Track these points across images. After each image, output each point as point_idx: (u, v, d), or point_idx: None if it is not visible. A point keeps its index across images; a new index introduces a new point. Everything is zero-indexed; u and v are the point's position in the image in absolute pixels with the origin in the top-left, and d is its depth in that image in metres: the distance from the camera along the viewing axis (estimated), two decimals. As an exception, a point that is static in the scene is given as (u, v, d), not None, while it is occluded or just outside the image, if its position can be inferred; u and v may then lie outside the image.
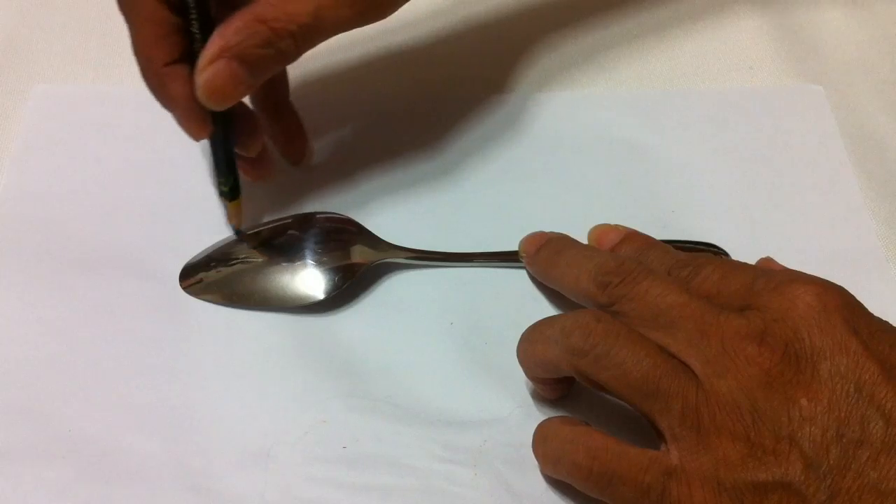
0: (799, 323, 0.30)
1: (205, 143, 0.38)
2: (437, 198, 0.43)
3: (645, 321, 0.32)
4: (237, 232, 0.40)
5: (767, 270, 0.33)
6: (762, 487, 0.28)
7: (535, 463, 0.34)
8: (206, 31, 0.35)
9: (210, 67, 0.34)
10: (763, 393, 0.29)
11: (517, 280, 0.40)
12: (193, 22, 0.35)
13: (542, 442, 0.34)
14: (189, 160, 0.44)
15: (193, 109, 0.36)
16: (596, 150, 0.45)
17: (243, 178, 0.40)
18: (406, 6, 0.37)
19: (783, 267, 0.36)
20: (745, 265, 0.34)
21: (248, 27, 0.34)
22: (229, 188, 0.39)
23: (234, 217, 0.40)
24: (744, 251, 0.40)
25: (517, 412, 0.36)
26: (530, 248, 0.39)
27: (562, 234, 0.40)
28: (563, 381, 0.35)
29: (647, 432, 0.32)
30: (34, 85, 0.47)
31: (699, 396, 0.30)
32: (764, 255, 0.38)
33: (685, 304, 0.31)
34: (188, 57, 0.35)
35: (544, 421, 0.34)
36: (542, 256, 0.39)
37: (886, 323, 0.31)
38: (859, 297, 0.31)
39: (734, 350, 0.30)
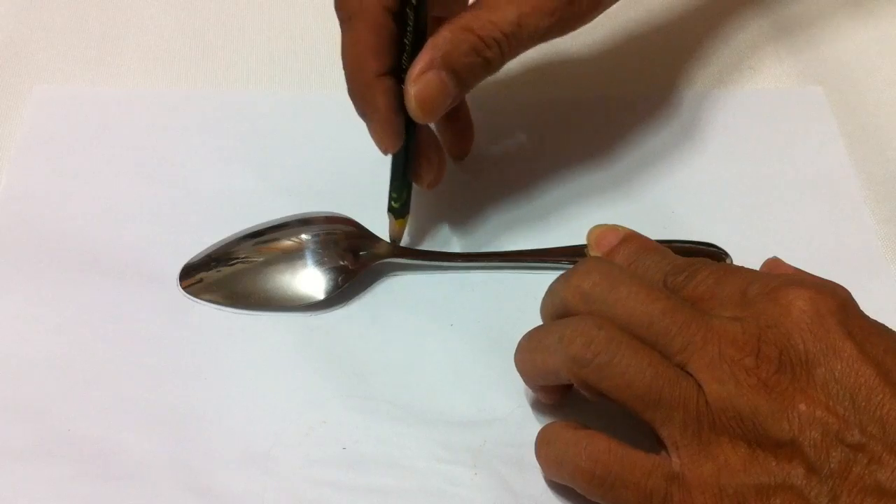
0: (792, 329, 0.29)
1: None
2: (437, 198, 0.43)
3: (635, 325, 0.31)
4: (395, 244, 0.41)
5: (762, 275, 0.32)
6: (765, 489, 0.28)
7: (535, 463, 0.34)
8: (418, 43, 0.35)
9: (421, 78, 0.35)
10: (763, 400, 0.29)
11: (517, 281, 0.40)
12: (409, 33, 0.35)
13: (545, 445, 0.34)
14: (188, 160, 0.44)
15: (392, 121, 0.37)
16: (595, 151, 0.45)
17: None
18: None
19: (791, 268, 0.35)
20: (740, 269, 0.34)
21: (456, 36, 0.35)
22: (400, 205, 0.39)
23: (396, 233, 0.40)
24: (744, 251, 0.40)
25: (517, 412, 0.36)
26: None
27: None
28: (563, 386, 0.35)
29: (648, 434, 0.32)
30: (34, 85, 0.47)
31: (700, 405, 0.30)
32: (764, 255, 0.38)
33: (676, 309, 0.31)
34: (395, 70, 0.36)
35: (546, 425, 0.34)
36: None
37: (882, 326, 0.31)
38: (859, 297, 0.31)
39: (731, 359, 0.29)
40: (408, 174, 0.39)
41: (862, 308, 0.32)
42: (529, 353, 0.34)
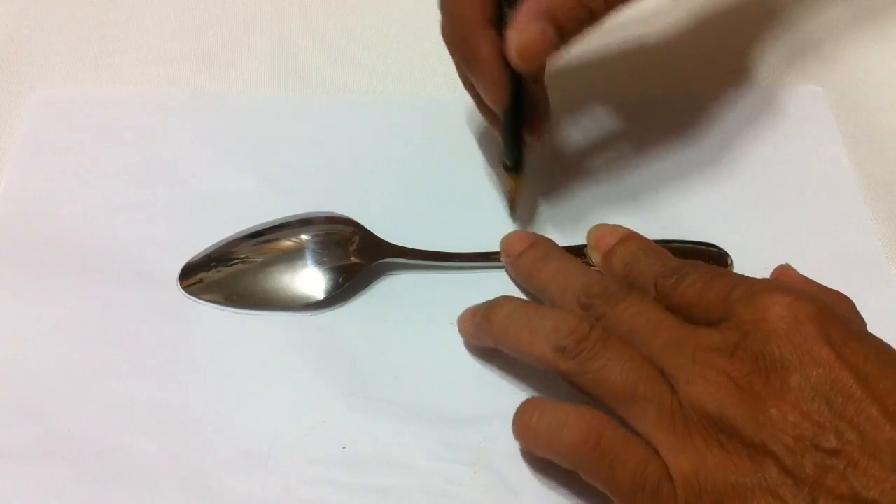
0: (769, 335, 0.29)
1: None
2: (438, 198, 0.43)
3: (622, 334, 0.33)
4: (512, 209, 0.40)
5: (747, 279, 0.32)
6: (741, 489, 0.28)
7: (535, 461, 0.34)
8: None
9: (525, 28, 0.34)
10: (732, 401, 0.29)
11: (517, 280, 0.40)
12: None
13: (535, 413, 0.33)
14: (189, 160, 0.44)
15: (499, 75, 0.36)
16: (595, 151, 0.45)
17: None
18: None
19: (800, 276, 0.35)
20: (727, 274, 0.33)
21: None
22: (514, 162, 0.39)
23: (511, 192, 0.40)
24: (744, 251, 0.40)
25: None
26: (512, 249, 0.39)
27: (544, 237, 0.40)
28: None
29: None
30: (34, 86, 0.47)
31: (673, 402, 0.30)
32: (764, 255, 0.38)
33: (661, 320, 0.32)
34: (497, 21, 0.35)
35: (532, 398, 0.34)
36: (526, 261, 0.39)
37: (864, 332, 0.30)
38: (859, 297, 0.31)
39: (703, 361, 0.30)
40: (520, 129, 0.39)
41: (862, 308, 0.32)
42: (515, 328, 0.34)
